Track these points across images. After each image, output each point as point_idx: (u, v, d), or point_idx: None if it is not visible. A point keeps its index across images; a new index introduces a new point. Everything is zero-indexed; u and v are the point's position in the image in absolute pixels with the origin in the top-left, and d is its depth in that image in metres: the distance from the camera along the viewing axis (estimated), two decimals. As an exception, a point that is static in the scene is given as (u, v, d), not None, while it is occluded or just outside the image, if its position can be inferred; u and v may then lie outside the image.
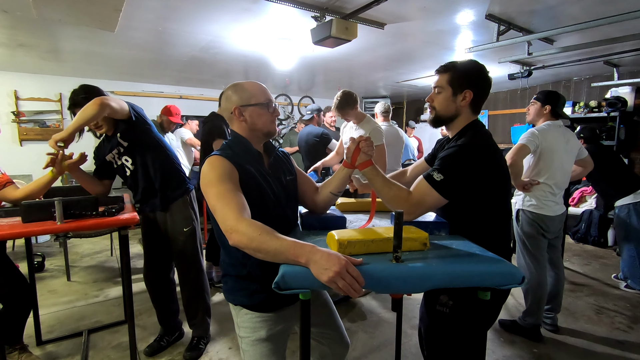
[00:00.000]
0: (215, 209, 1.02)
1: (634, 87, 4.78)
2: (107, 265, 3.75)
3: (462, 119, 1.27)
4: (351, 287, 0.83)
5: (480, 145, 1.20)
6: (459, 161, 1.15)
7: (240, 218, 0.97)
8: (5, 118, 5.00)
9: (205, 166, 1.12)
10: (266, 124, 1.22)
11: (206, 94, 6.40)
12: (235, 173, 1.10)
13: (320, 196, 1.35)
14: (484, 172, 1.16)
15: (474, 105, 1.26)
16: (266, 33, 3.28)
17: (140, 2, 2.54)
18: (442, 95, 1.26)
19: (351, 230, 1.11)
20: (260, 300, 1.18)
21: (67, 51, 3.92)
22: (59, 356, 2.19)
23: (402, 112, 8.38)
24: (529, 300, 2.38)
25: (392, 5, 2.58)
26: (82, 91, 1.88)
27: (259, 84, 1.24)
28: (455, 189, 1.14)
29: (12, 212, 1.75)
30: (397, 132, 3.67)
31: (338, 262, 0.83)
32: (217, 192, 1.03)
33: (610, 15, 2.60)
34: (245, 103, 1.20)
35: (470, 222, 1.22)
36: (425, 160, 1.57)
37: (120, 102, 1.79)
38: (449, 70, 1.25)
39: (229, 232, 0.97)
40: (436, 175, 1.14)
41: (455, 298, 1.20)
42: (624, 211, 3.10)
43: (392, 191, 1.18)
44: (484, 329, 1.19)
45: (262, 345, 1.19)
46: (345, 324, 2.56)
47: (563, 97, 2.37)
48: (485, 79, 1.26)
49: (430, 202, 1.15)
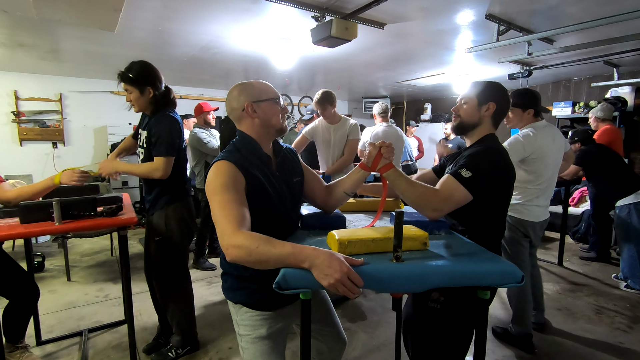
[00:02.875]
0: (216, 219, 1.02)
1: (634, 87, 4.78)
2: (107, 265, 3.75)
3: (482, 129, 1.36)
4: (350, 291, 0.85)
5: (501, 150, 1.30)
6: (485, 160, 1.22)
7: (236, 232, 0.96)
8: (5, 118, 5.01)
9: (211, 172, 1.10)
10: (278, 120, 1.22)
11: (206, 94, 6.40)
12: (241, 179, 1.09)
13: (333, 195, 1.33)
14: (504, 175, 1.25)
15: (495, 118, 1.36)
16: (266, 33, 3.28)
17: (140, 2, 2.54)
18: (468, 105, 1.37)
19: (351, 230, 1.11)
20: (261, 298, 1.18)
21: (67, 51, 3.92)
22: (59, 356, 2.19)
23: (402, 112, 8.38)
24: (513, 308, 2.34)
25: (392, 5, 2.58)
26: (141, 68, 1.91)
27: (266, 82, 1.24)
28: (482, 186, 1.19)
29: (10, 213, 1.74)
30: (396, 132, 3.67)
31: (340, 270, 0.84)
32: (220, 202, 1.03)
33: (610, 15, 2.60)
34: (257, 99, 1.18)
35: (476, 223, 1.27)
36: (433, 170, 1.59)
37: (168, 165, 1.89)
38: (476, 86, 1.38)
39: (226, 247, 0.96)
40: (464, 172, 1.18)
41: (446, 294, 1.23)
42: (624, 211, 3.09)
43: (419, 190, 1.20)
44: (473, 324, 1.23)
45: (262, 343, 1.20)
46: (345, 324, 2.56)
47: (539, 94, 2.30)
48: (506, 97, 1.37)
49: (458, 198, 1.18)
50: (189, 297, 2.17)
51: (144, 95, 1.91)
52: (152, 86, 1.91)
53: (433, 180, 1.53)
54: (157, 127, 1.90)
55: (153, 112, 1.98)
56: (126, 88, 1.91)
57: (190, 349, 2.19)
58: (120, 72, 1.89)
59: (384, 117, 3.65)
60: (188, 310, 2.16)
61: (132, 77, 1.87)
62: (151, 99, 1.93)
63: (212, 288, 3.14)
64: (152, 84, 1.91)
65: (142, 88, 1.89)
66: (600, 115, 3.87)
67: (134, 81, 1.87)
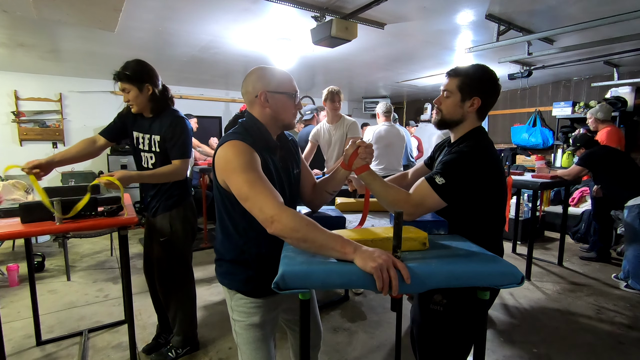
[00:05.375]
0: (247, 196, 1.00)
1: (634, 87, 4.78)
2: (107, 265, 3.75)
3: (467, 124, 1.28)
4: (393, 279, 0.83)
5: (482, 153, 1.20)
6: (461, 167, 1.16)
7: (281, 207, 0.96)
8: (5, 118, 5.00)
9: (228, 150, 1.07)
10: (289, 116, 1.20)
11: (206, 94, 6.40)
12: (259, 160, 1.08)
13: (316, 193, 1.35)
14: (484, 179, 1.18)
15: (480, 111, 1.27)
16: (266, 33, 3.28)
17: (140, 2, 2.54)
18: (450, 100, 1.26)
19: (350, 230, 1.11)
20: (255, 286, 1.20)
21: (67, 51, 3.92)
22: (59, 356, 2.19)
23: (402, 112, 8.38)
24: None
25: (392, 5, 2.58)
26: (137, 66, 1.87)
27: (288, 74, 1.21)
28: (456, 194, 1.15)
29: (11, 212, 1.74)
30: (398, 132, 3.68)
31: (387, 256, 0.85)
32: (248, 180, 1.00)
33: (610, 15, 2.60)
34: (272, 90, 1.15)
35: (466, 225, 1.24)
36: (425, 163, 1.58)
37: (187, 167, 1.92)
38: (459, 75, 1.24)
39: (270, 220, 0.96)
40: (438, 179, 1.14)
41: (449, 297, 1.23)
42: (634, 211, 3.07)
43: (391, 194, 1.19)
44: (475, 325, 1.21)
45: (255, 330, 1.22)
46: (345, 324, 2.56)
47: None
48: (494, 88, 1.26)
49: (430, 204, 1.16)
50: (192, 297, 2.17)
51: (143, 93, 1.86)
52: (151, 83, 1.86)
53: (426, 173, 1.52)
54: (175, 129, 1.88)
55: (154, 112, 1.93)
56: (123, 87, 1.85)
57: (190, 349, 2.19)
58: (116, 72, 1.84)
59: (387, 116, 3.66)
60: (190, 311, 2.16)
61: (129, 74, 1.82)
62: (150, 97, 1.88)
63: (212, 288, 3.14)
64: (150, 81, 1.86)
65: (141, 85, 1.84)
66: (600, 117, 3.87)
67: (132, 79, 1.82)
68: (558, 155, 5.60)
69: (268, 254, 1.16)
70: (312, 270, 0.88)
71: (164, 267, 2.05)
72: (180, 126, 1.90)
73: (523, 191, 4.63)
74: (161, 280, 2.08)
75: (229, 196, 1.11)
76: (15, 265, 3.23)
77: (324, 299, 2.90)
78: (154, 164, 1.96)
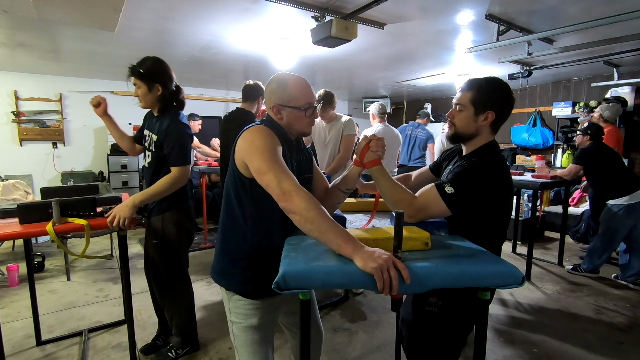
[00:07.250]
0: (267, 170, 1.01)
1: (634, 87, 4.78)
2: (107, 265, 3.75)
3: (480, 139, 1.26)
4: (393, 279, 0.83)
5: (495, 170, 1.20)
6: (472, 180, 1.16)
7: (299, 186, 0.99)
8: (5, 118, 5.01)
9: (254, 132, 1.10)
10: (302, 127, 1.21)
11: (206, 94, 6.40)
12: (281, 149, 1.10)
13: (329, 194, 1.34)
14: (492, 196, 1.18)
15: (494, 125, 1.24)
16: (266, 33, 3.28)
17: (140, 2, 2.54)
18: (464, 114, 1.24)
19: (351, 230, 1.11)
20: (254, 287, 1.19)
21: (67, 51, 3.92)
22: (59, 356, 2.19)
23: (402, 112, 8.38)
24: None
25: (392, 5, 2.58)
26: (152, 65, 1.86)
27: (303, 84, 1.19)
28: (463, 205, 1.15)
29: (10, 212, 1.74)
30: (393, 132, 3.68)
31: (388, 256, 0.85)
32: (270, 158, 1.03)
33: (610, 15, 2.60)
34: (284, 103, 1.17)
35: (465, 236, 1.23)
36: (430, 168, 1.57)
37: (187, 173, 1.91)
38: (473, 88, 1.22)
39: (287, 194, 0.97)
40: (447, 188, 1.14)
41: (444, 298, 1.22)
42: (615, 208, 3.16)
43: (396, 193, 1.19)
44: (470, 327, 1.23)
45: (253, 332, 1.22)
46: (345, 324, 2.56)
47: None
48: (509, 101, 1.23)
49: (434, 210, 1.16)
50: (187, 300, 2.14)
51: (152, 93, 1.86)
52: (161, 84, 1.86)
53: (431, 179, 1.52)
54: (172, 136, 1.84)
55: (160, 112, 1.94)
56: (135, 82, 1.87)
57: (190, 349, 2.19)
58: (132, 66, 1.85)
59: (382, 117, 3.66)
60: (187, 313, 2.14)
61: (142, 72, 1.83)
62: (159, 97, 1.88)
63: (212, 288, 3.14)
64: (161, 81, 1.86)
65: (151, 85, 1.84)
66: (606, 116, 3.87)
67: (143, 76, 1.83)
68: (558, 155, 5.60)
69: (268, 247, 1.16)
70: (312, 271, 0.88)
71: (159, 269, 2.04)
72: (175, 131, 1.85)
73: (523, 191, 4.63)
74: (156, 282, 2.08)
75: (242, 179, 1.13)
76: (15, 265, 3.23)
77: (324, 299, 2.90)
78: (150, 162, 1.98)
